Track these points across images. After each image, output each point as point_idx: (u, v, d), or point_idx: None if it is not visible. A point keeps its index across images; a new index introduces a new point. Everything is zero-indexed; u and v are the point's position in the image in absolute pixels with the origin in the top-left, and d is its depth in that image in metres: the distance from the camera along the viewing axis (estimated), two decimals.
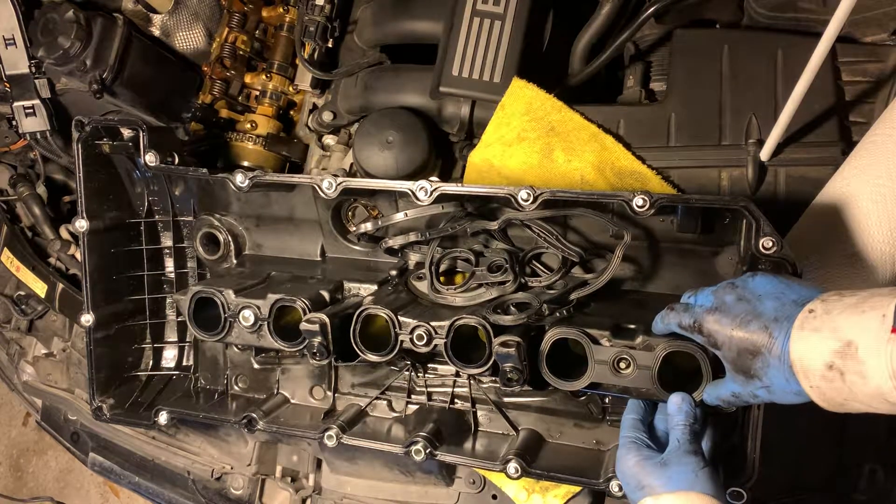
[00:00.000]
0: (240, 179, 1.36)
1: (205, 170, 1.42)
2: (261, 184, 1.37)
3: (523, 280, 1.33)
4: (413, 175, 1.59)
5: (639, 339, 1.14)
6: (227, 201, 1.54)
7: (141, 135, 1.44)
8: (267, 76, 1.87)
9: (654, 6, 1.46)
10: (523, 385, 1.19)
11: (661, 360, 1.11)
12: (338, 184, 1.33)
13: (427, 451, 1.29)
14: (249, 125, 1.83)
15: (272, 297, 1.32)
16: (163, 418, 1.48)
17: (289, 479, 1.73)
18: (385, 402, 1.49)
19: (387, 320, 1.25)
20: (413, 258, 1.45)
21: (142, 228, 1.62)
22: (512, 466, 1.26)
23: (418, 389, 1.47)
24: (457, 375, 1.44)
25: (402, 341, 1.24)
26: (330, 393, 1.53)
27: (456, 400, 1.45)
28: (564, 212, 1.27)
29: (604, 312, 1.28)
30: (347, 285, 1.42)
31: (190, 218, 1.61)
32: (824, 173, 1.36)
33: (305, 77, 1.84)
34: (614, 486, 1.19)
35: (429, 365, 1.45)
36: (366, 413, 1.49)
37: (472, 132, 1.65)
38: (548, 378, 1.18)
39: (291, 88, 1.89)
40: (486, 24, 1.55)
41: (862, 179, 1.26)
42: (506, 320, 1.20)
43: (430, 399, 1.46)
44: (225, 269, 1.58)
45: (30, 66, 1.75)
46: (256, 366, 1.58)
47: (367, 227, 1.43)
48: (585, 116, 1.50)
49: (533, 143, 1.50)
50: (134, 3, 1.81)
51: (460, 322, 1.21)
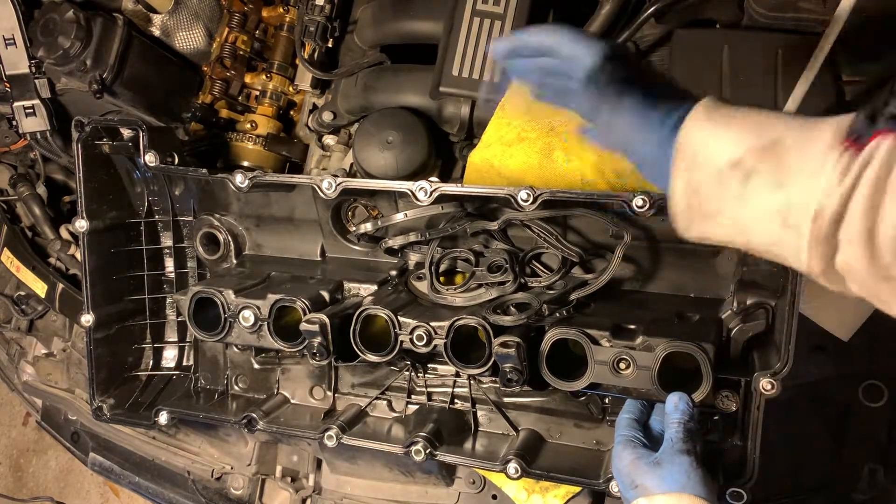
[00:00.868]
0: (239, 180, 1.37)
1: (204, 170, 1.42)
2: (260, 184, 1.37)
3: (523, 280, 1.33)
4: (413, 175, 1.59)
5: (639, 340, 1.14)
6: (227, 201, 1.55)
7: (141, 135, 1.45)
8: (267, 76, 1.87)
9: (654, 6, 1.46)
10: (523, 385, 1.19)
11: (661, 361, 1.11)
12: (337, 184, 1.33)
13: (427, 452, 1.29)
14: (249, 125, 1.83)
15: (272, 298, 1.32)
16: (163, 418, 1.48)
17: (289, 479, 1.73)
18: (385, 403, 1.49)
19: (387, 320, 1.25)
20: (413, 258, 1.45)
21: (142, 228, 1.62)
22: (512, 467, 1.26)
23: (418, 389, 1.47)
24: (457, 375, 1.44)
25: (402, 341, 1.25)
26: (330, 393, 1.53)
27: (456, 400, 1.45)
28: (564, 212, 1.27)
29: (604, 313, 1.28)
30: (347, 285, 1.42)
31: (190, 218, 1.61)
32: None
33: (305, 77, 1.83)
34: (614, 487, 1.18)
35: (429, 365, 1.45)
36: (366, 413, 1.49)
37: (472, 132, 1.65)
38: (548, 378, 1.18)
39: (291, 88, 1.89)
40: (486, 24, 1.55)
41: None
42: (506, 321, 1.21)
43: (430, 399, 1.46)
44: (225, 269, 1.58)
45: (30, 66, 1.75)
46: (256, 366, 1.58)
47: (367, 228, 1.43)
48: None
49: (533, 144, 1.50)
50: (134, 3, 1.81)
51: (460, 322, 1.22)
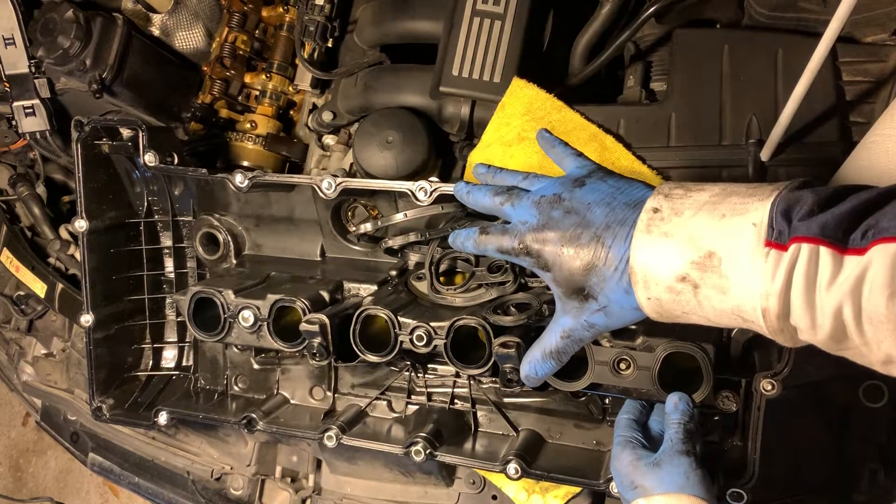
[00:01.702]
0: (239, 179, 1.36)
1: (204, 170, 1.42)
2: (260, 184, 1.37)
3: (523, 280, 1.33)
4: (413, 175, 1.59)
5: (639, 340, 1.14)
6: (227, 201, 1.54)
7: (140, 135, 1.44)
8: (267, 76, 1.87)
9: (654, 6, 1.46)
10: (523, 386, 1.19)
11: (662, 361, 1.11)
12: (337, 184, 1.33)
13: (427, 452, 1.29)
14: (249, 125, 1.83)
15: (272, 298, 1.32)
16: (163, 418, 1.48)
17: (289, 480, 1.73)
18: (385, 403, 1.49)
19: (386, 321, 1.25)
20: (413, 258, 1.45)
21: (141, 228, 1.62)
22: (512, 467, 1.26)
23: (418, 390, 1.47)
24: (457, 376, 1.44)
25: (402, 342, 1.24)
26: (330, 393, 1.53)
27: (456, 400, 1.44)
28: None
29: None
30: (347, 285, 1.42)
31: (189, 218, 1.61)
32: (824, 173, 1.36)
33: (305, 77, 1.83)
34: (614, 487, 1.18)
35: (429, 365, 1.45)
36: (366, 413, 1.49)
37: (472, 132, 1.65)
38: (549, 380, 1.18)
39: (291, 88, 1.89)
40: (486, 24, 1.55)
41: (862, 179, 1.26)
42: (506, 321, 1.20)
43: (430, 399, 1.46)
44: (225, 270, 1.58)
45: (29, 66, 1.75)
46: (256, 366, 1.58)
47: (367, 228, 1.43)
48: (586, 116, 1.50)
49: (533, 143, 1.50)
50: (134, 3, 1.81)
51: (460, 323, 1.21)
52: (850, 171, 1.29)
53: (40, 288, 1.93)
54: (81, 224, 1.50)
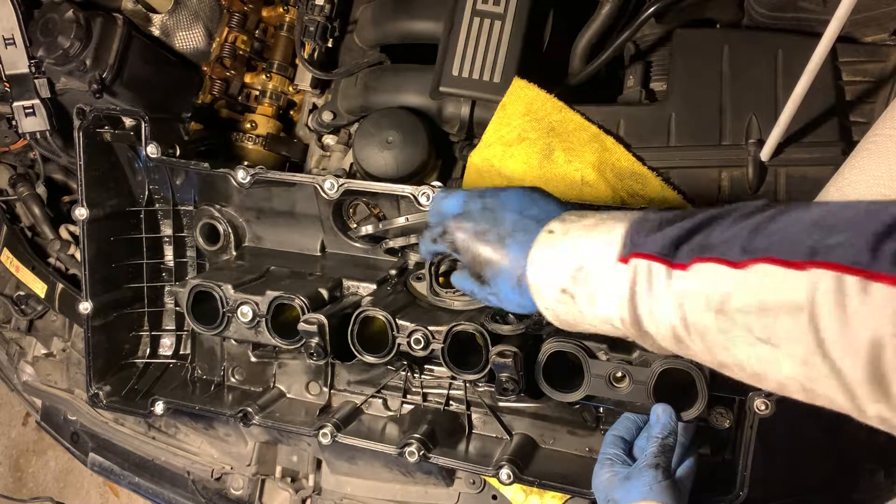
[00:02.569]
0: (241, 176, 1.36)
1: (206, 164, 1.42)
2: (262, 181, 1.37)
3: None
4: (413, 175, 1.59)
5: (636, 354, 1.14)
6: (228, 193, 1.54)
7: (143, 125, 1.44)
8: (267, 76, 1.87)
9: (654, 6, 1.46)
10: (519, 394, 1.18)
11: (657, 376, 1.11)
12: (339, 185, 1.33)
13: (421, 454, 1.29)
14: (249, 125, 1.83)
15: (271, 294, 1.31)
16: (159, 408, 1.48)
17: (289, 480, 1.72)
18: (380, 401, 1.49)
19: (385, 322, 1.25)
20: (413, 258, 1.45)
21: (142, 217, 1.61)
22: (504, 472, 1.26)
23: (414, 390, 1.47)
24: (452, 378, 1.43)
25: (400, 344, 1.24)
26: (326, 389, 1.53)
27: (451, 402, 1.44)
28: None
29: None
30: (346, 283, 1.41)
31: (190, 207, 1.61)
32: (824, 173, 1.35)
33: (305, 77, 1.83)
34: None
35: (425, 366, 1.45)
36: (361, 411, 1.49)
37: (473, 132, 1.65)
38: (544, 389, 1.17)
39: (291, 88, 1.89)
40: (486, 24, 1.55)
41: (862, 179, 1.26)
42: (504, 330, 1.19)
43: (426, 400, 1.46)
44: (224, 262, 1.57)
45: (29, 66, 1.75)
46: (253, 359, 1.58)
47: (369, 230, 1.43)
48: (586, 116, 1.50)
49: (533, 144, 1.50)
50: (134, 3, 1.81)
51: (458, 328, 1.20)
52: (850, 171, 1.29)
53: (40, 288, 1.93)
54: (82, 212, 1.50)
